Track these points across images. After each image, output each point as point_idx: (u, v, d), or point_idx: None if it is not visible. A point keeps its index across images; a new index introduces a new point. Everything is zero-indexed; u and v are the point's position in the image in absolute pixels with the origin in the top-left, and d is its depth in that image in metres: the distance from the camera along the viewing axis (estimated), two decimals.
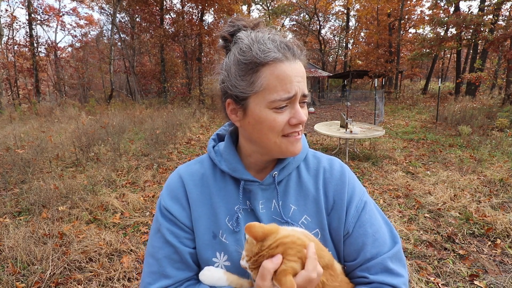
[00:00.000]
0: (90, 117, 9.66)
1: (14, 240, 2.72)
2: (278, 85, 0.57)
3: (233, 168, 0.68)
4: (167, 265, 0.65)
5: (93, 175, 4.56)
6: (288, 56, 0.58)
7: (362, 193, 0.70)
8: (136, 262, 2.55)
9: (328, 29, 34.70)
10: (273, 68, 0.57)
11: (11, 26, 20.12)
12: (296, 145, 0.64)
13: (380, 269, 0.62)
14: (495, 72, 13.78)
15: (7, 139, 6.55)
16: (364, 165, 5.17)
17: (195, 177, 0.71)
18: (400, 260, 0.65)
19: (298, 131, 0.62)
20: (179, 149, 6.66)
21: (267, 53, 0.57)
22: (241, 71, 0.59)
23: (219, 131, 0.81)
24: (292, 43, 0.61)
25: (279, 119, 0.59)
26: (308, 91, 0.63)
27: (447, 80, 29.08)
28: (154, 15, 17.00)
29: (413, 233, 2.96)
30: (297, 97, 0.59)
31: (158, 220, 0.68)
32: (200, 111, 12.29)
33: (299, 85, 0.59)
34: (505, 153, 5.68)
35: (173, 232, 0.66)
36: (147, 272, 0.66)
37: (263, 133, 0.61)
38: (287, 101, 0.58)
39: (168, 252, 0.65)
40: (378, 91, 10.47)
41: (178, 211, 0.67)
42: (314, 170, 0.72)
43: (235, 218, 0.66)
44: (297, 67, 0.59)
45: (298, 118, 0.60)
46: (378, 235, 0.65)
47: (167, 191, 0.71)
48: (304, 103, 0.63)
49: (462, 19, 13.10)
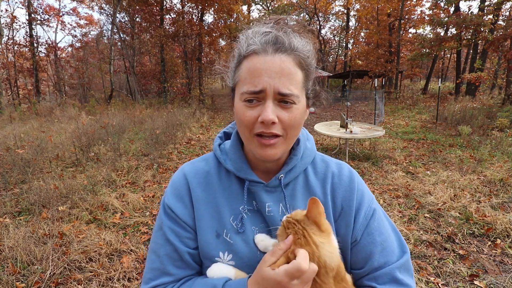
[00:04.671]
0: (90, 117, 9.66)
1: (14, 240, 2.72)
2: (248, 78, 0.57)
3: (238, 168, 0.67)
4: (167, 263, 0.65)
5: (93, 175, 4.56)
6: (267, 49, 0.56)
7: (371, 200, 0.69)
8: (136, 262, 2.55)
9: (328, 29, 34.71)
10: (249, 60, 0.57)
11: (11, 26, 20.09)
12: (265, 149, 0.59)
13: (388, 279, 0.61)
14: (495, 72, 13.77)
15: (7, 139, 6.55)
16: (364, 165, 5.16)
17: (200, 175, 0.70)
18: (408, 270, 0.64)
19: (268, 133, 0.57)
20: (179, 149, 6.65)
21: (249, 46, 0.58)
22: (233, 63, 0.62)
23: (226, 129, 0.78)
24: (286, 38, 0.57)
25: (248, 113, 0.58)
26: (296, 91, 0.57)
27: (447, 80, 29.07)
28: (154, 15, 16.99)
29: (413, 233, 2.96)
30: (268, 94, 0.55)
31: (161, 217, 0.68)
32: (200, 111, 12.28)
33: (271, 81, 0.55)
34: (505, 153, 5.67)
35: (174, 230, 0.66)
36: (149, 268, 0.66)
37: (239, 126, 0.62)
38: (254, 95, 0.56)
39: (168, 250, 0.65)
40: (378, 91, 10.47)
41: (181, 209, 0.67)
42: (322, 174, 0.71)
43: (239, 218, 0.65)
44: (274, 61, 0.55)
45: (262, 116, 0.55)
46: (387, 244, 0.64)
47: (171, 189, 0.70)
48: (286, 103, 0.57)
49: (462, 19, 13.09)
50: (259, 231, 0.66)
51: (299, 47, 0.58)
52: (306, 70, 0.59)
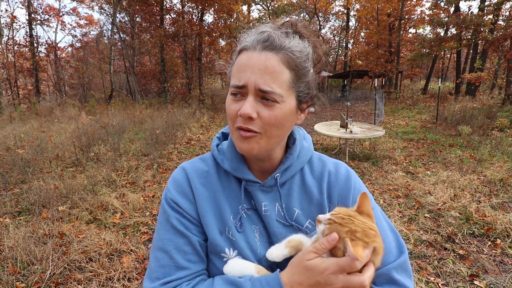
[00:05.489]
0: (90, 117, 9.66)
1: (14, 240, 2.72)
2: (235, 72, 0.59)
3: (235, 167, 0.67)
4: (178, 257, 0.62)
5: (93, 175, 4.56)
6: (256, 47, 0.57)
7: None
8: (136, 262, 2.55)
9: (328, 29, 34.65)
10: (240, 56, 0.59)
11: (11, 26, 20.10)
12: (242, 143, 0.60)
13: (385, 280, 0.60)
14: (495, 72, 13.77)
15: (7, 139, 6.55)
16: (364, 165, 5.16)
17: (200, 173, 0.70)
18: (406, 270, 0.63)
19: (243, 126, 0.58)
20: (179, 149, 6.66)
21: (243, 43, 0.60)
22: (233, 59, 0.64)
23: (224, 130, 0.78)
24: (278, 38, 0.57)
25: (232, 106, 0.59)
26: (278, 90, 0.56)
27: (447, 80, 29.06)
28: (154, 15, 16.99)
29: (413, 233, 2.96)
30: (249, 89, 0.56)
31: (166, 211, 0.66)
32: (200, 111, 12.28)
33: (253, 77, 0.55)
34: (505, 153, 5.67)
35: (183, 222, 0.65)
36: (156, 267, 0.62)
37: (227, 119, 0.63)
38: (238, 89, 0.58)
39: (179, 243, 0.63)
40: (378, 91, 10.47)
41: (186, 204, 0.66)
42: (319, 173, 0.70)
43: (238, 218, 0.65)
44: (260, 58, 0.56)
45: (240, 110, 0.57)
46: (384, 243, 0.64)
47: (173, 186, 0.69)
48: (267, 100, 0.56)
49: (462, 19, 13.09)
50: (259, 231, 0.66)
51: (290, 47, 0.57)
52: (295, 70, 0.58)
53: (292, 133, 0.72)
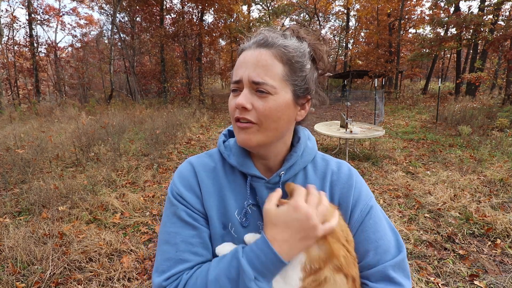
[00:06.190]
0: (90, 117, 9.65)
1: (14, 240, 2.72)
2: (234, 70, 0.63)
3: (241, 162, 0.68)
4: (184, 250, 0.62)
5: (93, 175, 4.56)
6: (251, 46, 0.61)
7: (369, 198, 0.69)
8: (136, 262, 2.55)
9: (328, 29, 34.63)
10: (239, 57, 0.63)
11: (11, 26, 20.10)
12: (240, 133, 0.62)
13: (381, 277, 0.60)
14: (495, 72, 13.77)
15: (7, 139, 6.55)
16: (364, 165, 5.17)
17: (207, 168, 0.70)
18: (404, 269, 0.63)
19: (240, 117, 0.61)
20: (179, 149, 6.66)
21: (242, 46, 0.64)
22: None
23: (230, 128, 0.79)
24: (272, 37, 0.60)
25: (232, 102, 0.63)
26: (270, 81, 0.58)
27: (447, 80, 29.06)
28: (154, 15, 17.00)
29: (413, 233, 2.96)
30: (244, 83, 0.60)
31: (174, 204, 0.66)
32: (200, 111, 12.29)
33: (247, 71, 0.59)
34: (505, 153, 5.67)
35: (191, 215, 0.65)
36: (161, 260, 0.62)
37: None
38: (235, 85, 0.62)
39: (186, 235, 0.63)
40: (378, 91, 10.47)
41: (193, 199, 0.66)
42: (322, 172, 0.71)
43: (244, 213, 0.66)
44: (254, 54, 0.60)
45: (236, 101, 0.60)
46: (382, 242, 0.63)
47: (179, 179, 0.69)
48: (261, 92, 0.58)
49: (462, 19, 13.10)
50: (263, 227, 0.66)
51: (283, 43, 0.60)
52: (289, 64, 0.60)
53: (297, 132, 0.73)
